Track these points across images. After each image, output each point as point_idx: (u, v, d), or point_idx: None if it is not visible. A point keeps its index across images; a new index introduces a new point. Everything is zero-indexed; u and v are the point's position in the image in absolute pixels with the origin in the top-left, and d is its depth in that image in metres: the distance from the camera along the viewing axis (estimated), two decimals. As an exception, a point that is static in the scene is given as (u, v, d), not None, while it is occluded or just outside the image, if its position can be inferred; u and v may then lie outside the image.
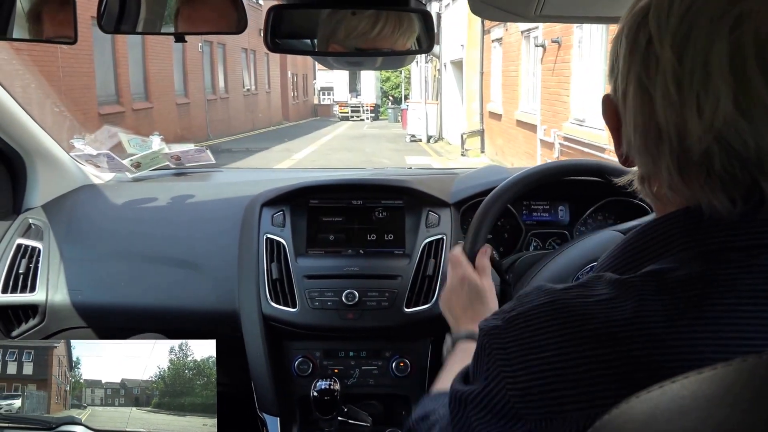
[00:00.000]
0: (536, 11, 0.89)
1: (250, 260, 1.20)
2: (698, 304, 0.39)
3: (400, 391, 1.20)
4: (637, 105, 0.43)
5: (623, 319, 0.39)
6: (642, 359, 0.38)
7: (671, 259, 0.43)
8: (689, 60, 0.39)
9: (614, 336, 0.39)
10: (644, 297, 0.40)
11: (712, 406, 0.29)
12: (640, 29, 0.43)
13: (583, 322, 0.41)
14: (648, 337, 0.38)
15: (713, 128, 0.39)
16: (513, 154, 9.70)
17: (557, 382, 0.40)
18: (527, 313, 0.44)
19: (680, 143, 0.41)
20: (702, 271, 0.40)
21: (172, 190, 1.43)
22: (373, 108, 26.29)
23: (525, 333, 0.43)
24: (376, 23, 0.88)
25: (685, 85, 0.40)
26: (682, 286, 0.40)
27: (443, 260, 1.18)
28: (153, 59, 11.69)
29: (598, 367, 0.39)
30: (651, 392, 0.32)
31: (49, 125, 1.37)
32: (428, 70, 16.71)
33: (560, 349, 0.40)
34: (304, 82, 28.25)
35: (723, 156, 0.40)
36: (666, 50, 0.40)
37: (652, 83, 0.42)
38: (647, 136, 0.43)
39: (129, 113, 10.51)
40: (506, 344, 0.43)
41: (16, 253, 1.29)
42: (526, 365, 0.41)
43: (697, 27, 0.39)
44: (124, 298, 1.25)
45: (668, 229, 0.44)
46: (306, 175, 1.52)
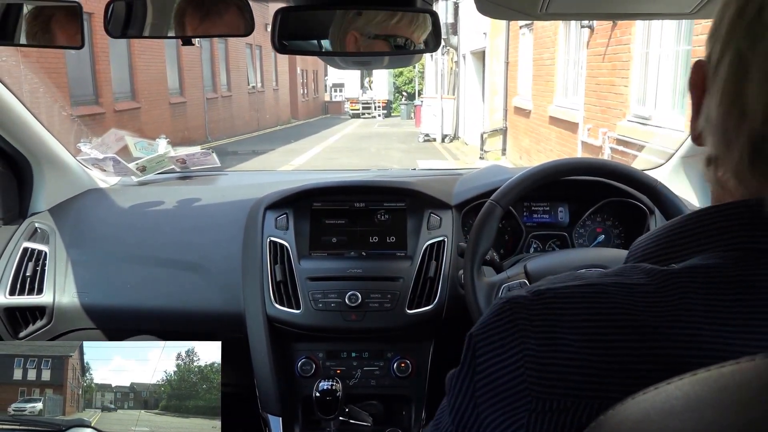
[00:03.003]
0: (542, 9, 0.95)
1: (254, 263, 1.30)
2: (742, 309, 0.39)
3: (401, 391, 1.29)
4: (729, 77, 0.42)
5: (667, 314, 0.40)
6: (677, 358, 0.38)
7: (719, 254, 0.42)
8: None
9: (656, 331, 0.39)
10: (688, 294, 0.40)
11: (703, 408, 0.31)
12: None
13: (622, 312, 0.41)
14: (690, 336, 0.39)
15: None
16: (542, 157, 8.68)
17: (584, 366, 0.40)
18: (559, 291, 0.44)
19: (764, 129, 0.40)
20: (754, 275, 0.40)
21: (177, 194, 1.53)
22: (385, 105, 26.40)
23: (555, 310, 0.43)
24: (394, 14, 0.96)
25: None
26: (730, 287, 0.40)
27: (445, 262, 1.28)
28: (141, 55, 11.37)
29: (631, 360, 0.39)
30: (646, 393, 0.33)
31: (56, 129, 1.47)
32: (444, 63, 16.70)
33: (594, 335, 0.40)
34: (315, 79, 28.41)
35: None
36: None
37: (753, 57, 0.40)
38: (730, 114, 0.41)
39: (110, 115, 10.18)
40: (533, 316, 0.43)
41: (23, 257, 1.40)
42: (552, 341, 0.41)
43: None
44: (130, 300, 1.36)
45: (722, 219, 0.43)
46: (310, 177, 1.62)
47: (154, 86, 12.02)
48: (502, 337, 0.44)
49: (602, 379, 0.40)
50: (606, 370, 0.40)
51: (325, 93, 30.75)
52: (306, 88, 26.67)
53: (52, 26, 1.10)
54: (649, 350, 0.39)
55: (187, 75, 13.57)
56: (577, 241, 1.38)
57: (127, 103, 11.10)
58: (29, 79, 7.35)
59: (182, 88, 13.37)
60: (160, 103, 12.31)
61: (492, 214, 1.10)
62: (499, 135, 11.24)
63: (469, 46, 13.57)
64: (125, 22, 1.05)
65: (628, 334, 0.40)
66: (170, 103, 12.78)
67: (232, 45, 16.07)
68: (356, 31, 0.98)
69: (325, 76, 29.79)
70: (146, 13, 1.05)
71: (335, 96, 29.95)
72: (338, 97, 29.54)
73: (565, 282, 0.45)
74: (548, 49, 8.60)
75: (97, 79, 10.04)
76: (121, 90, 10.84)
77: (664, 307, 0.40)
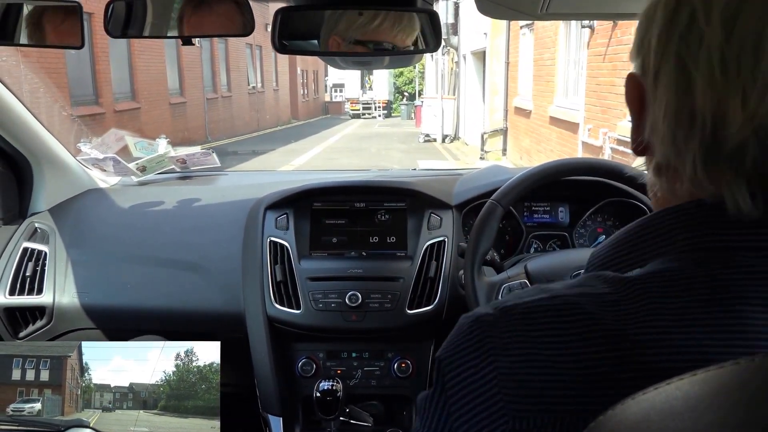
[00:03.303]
0: (542, 9, 0.96)
1: (254, 263, 1.31)
2: (707, 309, 0.40)
3: (401, 391, 1.30)
4: (671, 85, 0.42)
5: (635, 320, 0.40)
6: (653, 364, 0.39)
7: (676, 256, 0.43)
8: (737, 41, 0.39)
9: (627, 338, 0.39)
10: (653, 299, 0.41)
11: (702, 408, 0.31)
12: (681, 3, 0.42)
13: (593, 322, 0.41)
14: (661, 341, 0.39)
15: (755, 118, 0.39)
16: (542, 157, 8.69)
17: (561, 381, 0.40)
18: (526, 306, 0.43)
19: (714, 132, 0.40)
20: (712, 274, 0.41)
21: (177, 194, 1.53)
22: (386, 105, 26.43)
23: (524, 326, 0.42)
24: (375, 16, 0.96)
25: (732, 68, 0.39)
26: (691, 288, 0.41)
27: (445, 262, 1.28)
28: (141, 55, 11.39)
29: (606, 371, 0.39)
30: (646, 393, 0.33)
31: (56, 129, 1.47)
32: (444, 64, 16.71)
33: (568, 348, 0.40)
34: (315, 79, 28.43)
35: (757, 151, 0.39)
36: (713, 27, 0.40)
37: (693, 62, 0.40)
38: (678, 122, 0.42)
39: (110, 115, 10.18)
40: (503, 334, 0.43)
41: (22, 257, 1.41)
42: (526, 357, 0.41)
43: (749, 5, 0.39)
44: (130, 300, 1.36)
45: (673, 222, 0.44)
46: (310, 177, 1.63)
47: (154, 86, 12.03)
48: (473, 357, 0.43)
49: (579, 393, 0.40)
50: (582, 383, 0.40)
51: (325, 93, 30.79)
52: (306, 88, 26.70)
53: (53, 26, 1.10)
54: (622, 359, 0.39)
55: (187, 75, 13.58)
56: (578, 241, 1.38)
57: (127, 103, 11.10)
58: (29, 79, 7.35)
59: (182, 89, 13.38)
60: (160, 103, 12.32)
61: (492, 214, 1.10)
62: (500, 135, 11.24)
63: (470, 46, 13.58)
64: (125, 22, 1.05)
65: (600, 344, 0.40)
66: (170, 104, 12.79)
67: (232, 45, 16.10)
68: (337, 36, 0.98)
69: (326, 77, 29.82)
70: (146, 13, 1.05)
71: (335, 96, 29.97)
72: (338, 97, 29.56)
73: (531, 296, 0.44)
74: (549, 50, 8.60)
75: (97, 80, 10.04)
76: (121, 90, 10.84)
77: (632, 315, 0.40)
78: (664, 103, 0.43)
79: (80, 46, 1.08)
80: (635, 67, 0.46)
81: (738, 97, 0.39)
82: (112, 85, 10.43)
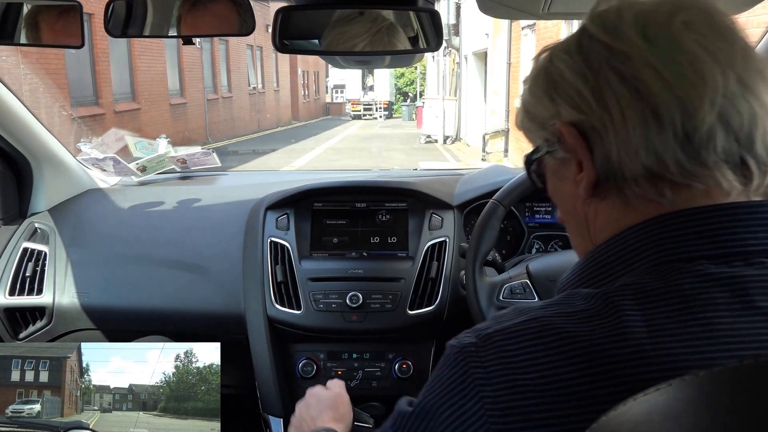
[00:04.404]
0: (544, 8, 0.96)
1: (254, 263, 1.31)
2: (678, 318, 0.42)
3: (402, 392, 1.27)
4: (627, 106, 0.46)
5: (609, 335, 0.42)
6: (630, 376, 0.40)
7: (644, 269, 0.46)
8: (663, 48, 0.45)
9: (605, 353, 0.41)
10: (625, 311, 0.42)
11: (703, 409, 0.32)
12: (582, 45, 0.49)
13: (569, 341, 0.42)
14: (634, 353, 0.41)
15: (716, 104, 0.44)
16: None
17: (542, 403, 0.41)
18: (507, 331, 0.45)
19: (684, 125, 0.44)
20: (678, 284, 0.43)
21: (177, 194, 1.53)
22: (387, 105, 26.42)
23: (505, 352, 0.44)
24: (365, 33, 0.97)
25: (673, 65, 0.45)
26: (660, 299, 0.43)
27: (446, 262, 1.28)
28: (141, 56, 11.40)
29: (588, 387, 0.41)
30: (647, 394, 0.34)
31: (56, 129, 1.47)
32: (446, 64, 16.72)
33: (546, 370, 0.42)
34: (316, 80, 28.45)
35: (722, 135, 0.44)
36: (634, 41, 0.46)
37: (636, 78, 0.45)
38: (627, 152, 0.46)
39: (110, 115, 10.20)
40: (485, 362, 0.44)
41: (22, 257, 1.41)
42: (509, 385, 0.43)
43: (654, 24, 0.46)
44: (130, 300, 1.36)
45: (639, 238, 0.47)
46: (310, 177, 1.62)
47: (154, 87, 12.04)
48: (459, 391, 0.45)
49: (562, 413, 0.41)
50: (565, 402, 0.41)
51: (326, 94, 30.80)
52: (307, 89, 26.71)
53: (53, 25, 1.10)
54: (598, 375, 0.41)
55: (188, 76, 13.59)
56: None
57: (127, 104, 11.11)
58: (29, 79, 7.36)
59: (183, 89, 13.39)
60: (160, 104, 12.32)
61: (494, 215, 1.10)
62: (502, 136, 11.27)
63: (471, 46, 13.59)
64: (125, 22, 1.05)
65: (578, 362, 0.42)
66: (170, 104, 12.80)
67: (232, 46, 16.13)
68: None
69: (327, 77, 29.83)
70: (146, 13, 1.06)
71: (336, 97, 29.98)
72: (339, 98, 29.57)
73: (511, 320, 0.46)
74: (550, 50, 8.64)
75: (97, 80, 10.05)
76: (121, 91, 10.85)
77: (605, 329, 0.42)
78: (623, 127, 0.46)
79: (80, 46, 1.08)
80: (566, 117, 0.49)
81: (696, 88, 0.44)
82: (113, 86, 10.45)
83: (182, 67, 13.36)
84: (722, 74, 0.44)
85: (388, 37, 0.97)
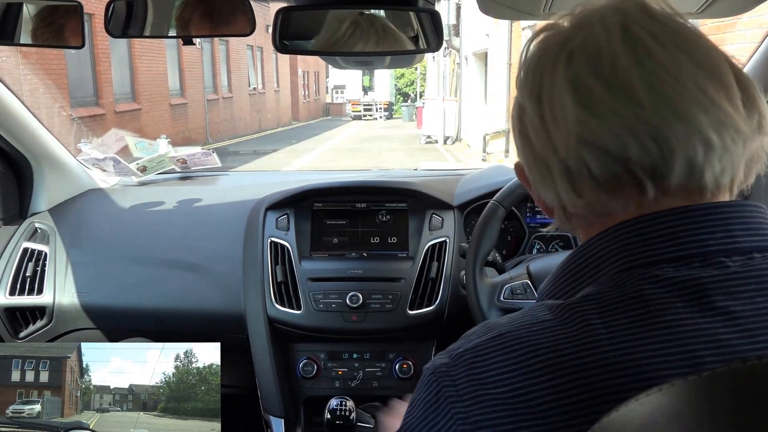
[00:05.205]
0: (544, 9, 0.95)
1: (255, 263, 1.31)
2: (639, 323, 0.42)
3: (403, 392, 1.29)
4: (525, 150, 0.52)
5: (572, 345, 0.42)
6: (596, 384, 0.41)
7: (606, 279, 0.47)
8: (545, 96, 0.48)
9: (567, 363, 0.42)
10: (587, 320, 0.43)
11: (703, 411, 0.32)
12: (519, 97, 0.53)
13: (533, 354, 0.43)
14: (598, 361, 0.41)
15: (572, 133, 0.46)
16: None
17: (511, 416, 0.42)
18: (475, 349, 0.46)
19: (557, 158, 0.48)
20: (638, 290, 0.44)
21: (177, 194, 1.53)
22: (387, 106, 26.43)
23: (475, 369, 0.45)
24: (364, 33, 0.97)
25: (546, 112, 0.48)
26: (621, 306, 0.43)
27: (446, 263, 1.28)
28: (142, 56, 11.44)
29: (554, 398, 0.41)
30: (649, 395, 0.34)
31: (56, 129, 1.48)
32: (446, 65, 16.73)
33: (513, 383, 0.43)
34: (316, 81, 28.46)
35: (593, 158, 0.46)
36: (526, 100, 0.51)
37: (525, 128, 0.51)
38: (540, 172, 0.51)
39: (110, 116, 10.24)
40: (456, 381, 0.45)
41: (22, 257, 1.41)
42: (478, 401, 0.43)
43: (545, 72, 0.49)
44: (130, 300, 1.36)
45: (599, 249, 0.49)
46: (311, 177, 1.62)
47: (154, 87, 12.05)
48: (434, 408, 0.46)
49: (532, 424, 0.42)
50: (534, 414, 0.42)
51: (326, 94, 30.82)
52: (307, 89, 26.72)
53: (53, 25, 1.10)
54: (568, 383, 0.41)
55: (188, 76, 13.62)
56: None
57: (128, 104, 11.13)
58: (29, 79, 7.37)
59: (183, 90, 13.41)
60: (160, 104, 12.34)
61: (494, 215, 1.10)
62: (502, 136, 11.27)
63: (472, 47, 13.60)
64: (126, 22, 1.05)
65: (544, 374, 0.42)
66: (171, 105, 12.82)
67: (233, 46, 16.15)
68: None
69: (327, 78, 29.85)
70: (147, 13, 1.06)
71: (336, 97, 29.99)
72: (339, 98, 29.57)
73: (479, 337, 0.47)
74: (551, 50, 8.64)
75: (97, 81, 10.07)
76: (121, 91, 10.87)
77: (569, 338, 0.43)
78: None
79: (81, 46, 1.08)
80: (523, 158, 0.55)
81: (555, 125, 0.47)
82: (113, 86, 10.47)
83: (183, 67, 13.36)
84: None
85: (388, 37, 0.98)
